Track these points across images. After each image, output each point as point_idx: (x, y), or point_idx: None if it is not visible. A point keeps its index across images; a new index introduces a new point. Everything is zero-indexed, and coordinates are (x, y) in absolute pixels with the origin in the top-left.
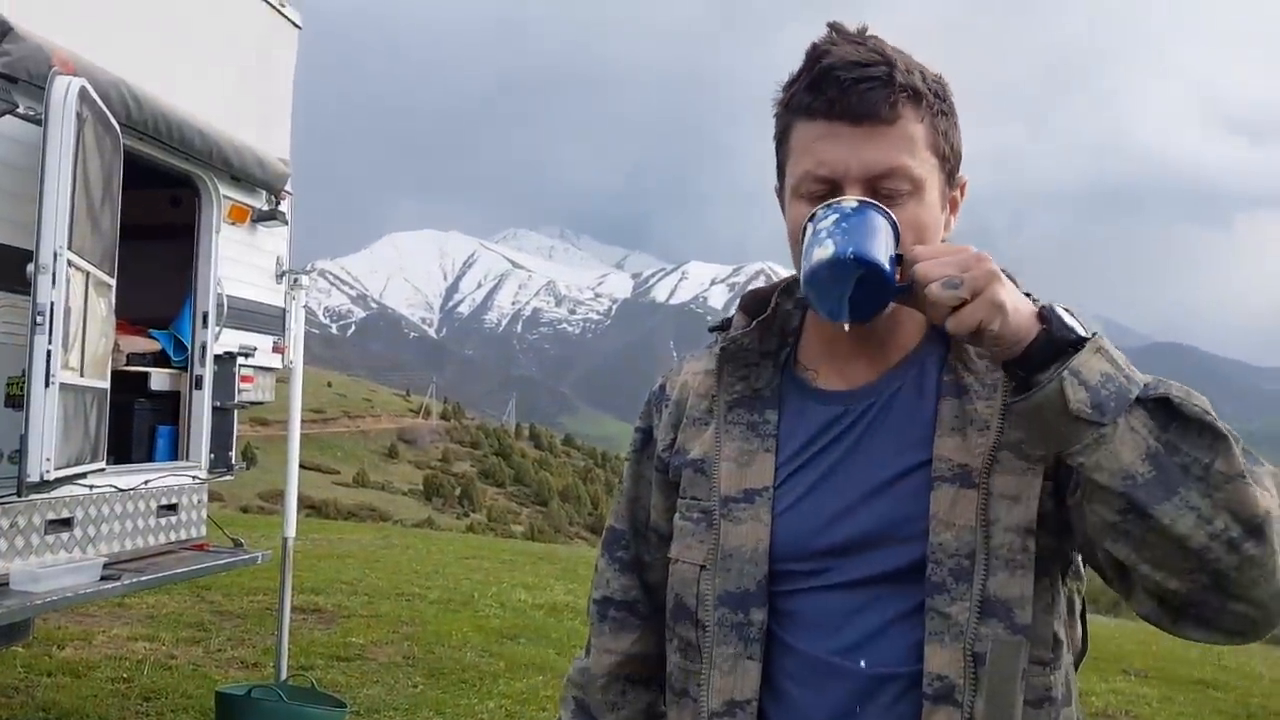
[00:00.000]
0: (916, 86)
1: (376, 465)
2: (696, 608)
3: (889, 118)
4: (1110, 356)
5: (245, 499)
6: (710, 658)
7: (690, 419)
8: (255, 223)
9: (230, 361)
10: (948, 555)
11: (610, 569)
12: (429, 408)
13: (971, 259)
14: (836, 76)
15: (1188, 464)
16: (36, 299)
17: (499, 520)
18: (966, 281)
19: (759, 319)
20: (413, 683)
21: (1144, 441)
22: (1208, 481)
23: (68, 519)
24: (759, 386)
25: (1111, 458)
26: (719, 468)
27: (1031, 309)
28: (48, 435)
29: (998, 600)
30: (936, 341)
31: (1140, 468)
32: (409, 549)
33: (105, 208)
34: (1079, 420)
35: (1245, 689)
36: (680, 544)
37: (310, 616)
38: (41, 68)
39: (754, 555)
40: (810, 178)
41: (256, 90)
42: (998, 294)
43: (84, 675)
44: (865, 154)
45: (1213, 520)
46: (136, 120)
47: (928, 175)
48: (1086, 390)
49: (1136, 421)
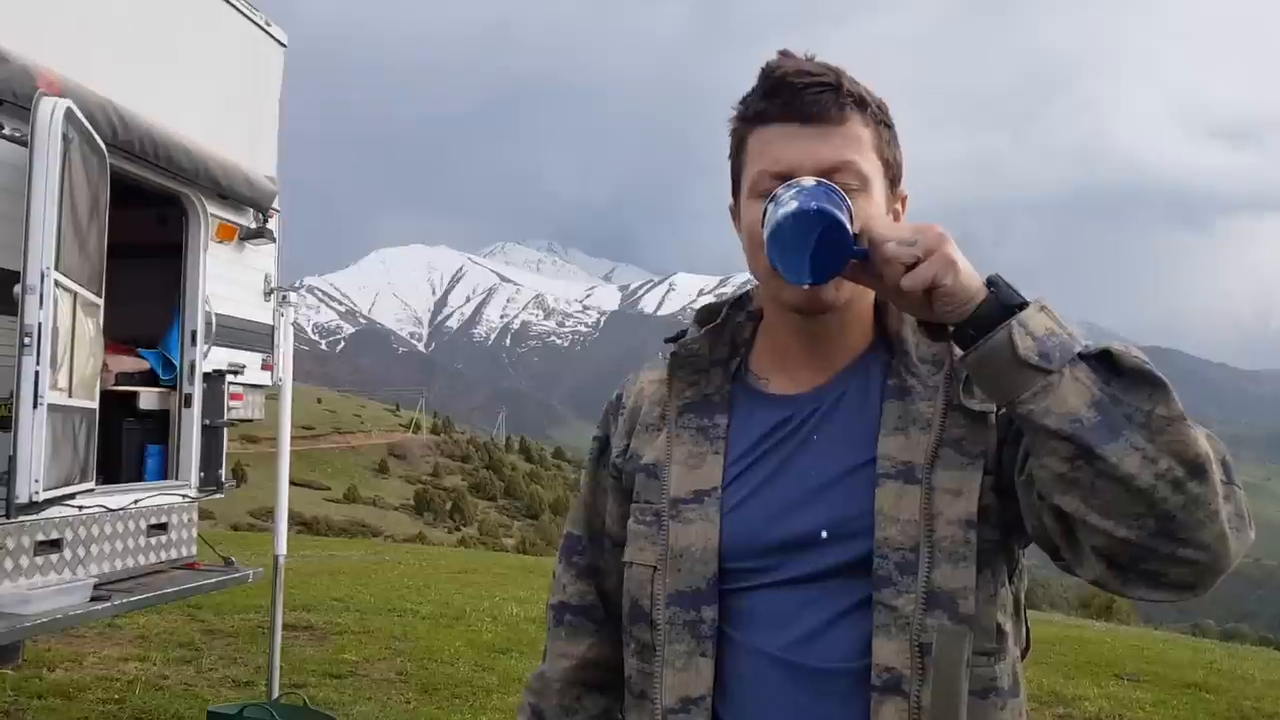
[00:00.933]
0: (861, 95)
1: (367, 481)
2: (651, 609)
3: (838, 118)
4: (1054, 316)
5: (235, 517)
6: (663, 656)
7: (643, 425)
8: (243, 240)
9: (219, 379)
10: (893, 549)
11: (566, 575)
12: (419, 422)
13: (924, 225)
14: (790, 83)
15: (1130, 412)
16: (24, 320)
17: (490, 534)
18: (920, 241)
19: (709, 327)
20: (406, 699)
21: (1088, 390)
22: (1150, 426)
23: (57, 540)
24: (709, 392)
25: (1059, 402)
26: (669, 471)
27: (980, 276)
28: (36, 456)
29: (942, 591)
30: (880, 348)
31: (1086, 413)
32: (400, 564)
33: (92, 228)
34: (1027, 367)
35: (1238, 692)
36: (633, 546)
37: (302, 634)
38: (27, 89)
39: (703, 554)
40: (766, 175)
41: (243, 108)
42: (949, 251)
43: (75, 697)
44: (817, 149)
45: (1157, 460)
46: (123, 140)
47: (873, 175)
48: (1033, 339)
49: (1080, 373)
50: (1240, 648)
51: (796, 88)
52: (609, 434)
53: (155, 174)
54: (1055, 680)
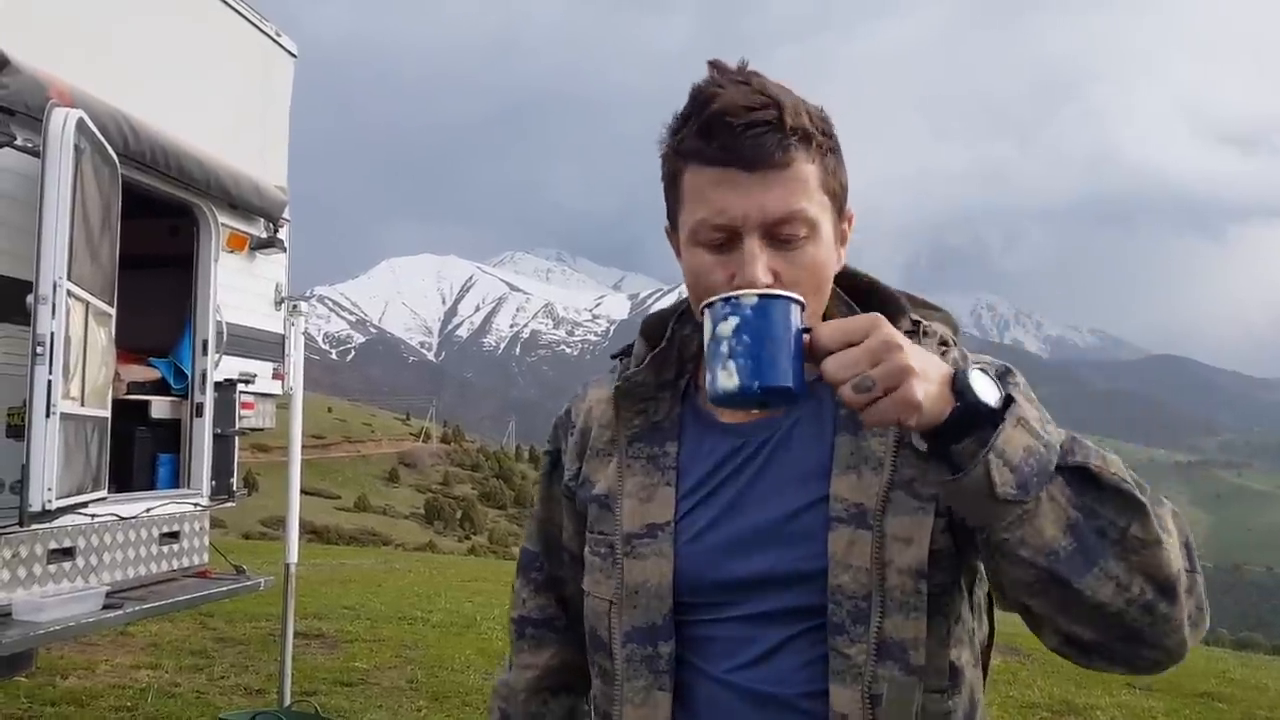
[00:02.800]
0: (805, 128)
1: (377, 489)
2: (609, 641)
3: (782, 162)
4: (1029, 426)
5: (247, 525)
6: (622, 693)
7: (594, 450)
8: (254, 250)
9: (230, 388)
10: (846, 597)
11: (526, 589)
12: (429, 431)
13: (881, 347)
14: (727, 122)
15: (1104, 528)
16: (36, 329)
17: (500, 542)
18: (878, 380)
19: (653, 353)
20: (416, 707)
21: (1064, 511)
22: (1124, 545)
23: (70, 548)
24: (658, 420)
25: (1035, 534)
26: (622, 504)
27: (944, 381)
28: (49, 465)
29: (893, 641)
30: None
31: (1061, 540)
32: (411, 573)
33: (104, 238)
34: (1004, 502)
35: (1252, 701)
36: (590, 578)
37: (313, 642)
38: (39, 100)
39: (658, 590)
40: (707, 226)
41: (253, 119)
42: (911, 392)
43: (87, 704)
44: (762, 200)
45: (1130, 586)
46: (134, 150)
47: (822, 216)
48: (1011, 471)
49: (1056, 490)
50: (1253, 657)
51: (734, 129)
52: (560, 450)
53: (166, 184)
54: (1067, 689)
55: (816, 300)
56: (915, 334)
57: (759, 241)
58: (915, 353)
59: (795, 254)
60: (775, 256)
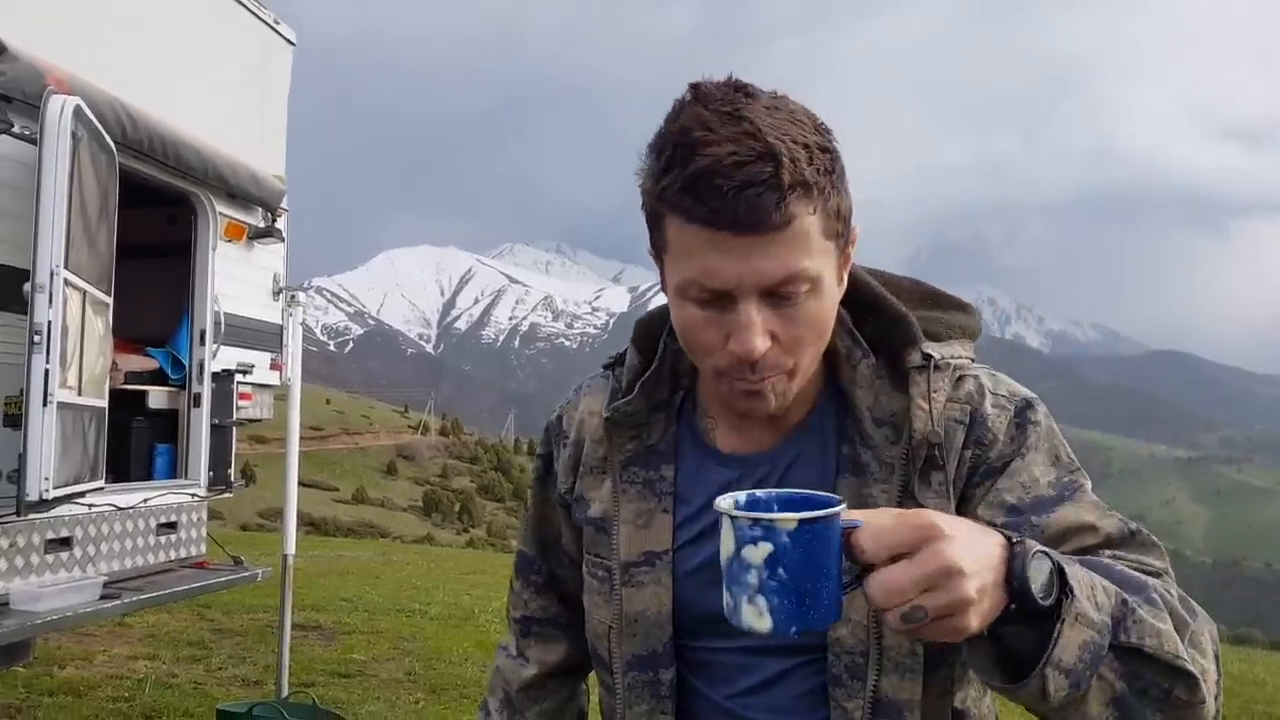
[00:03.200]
0: (805, 178)
1: (375, 482)
2: (610, 663)
3: (781, 222)
4: (1088, 618)
5: (244, 517)
6: (624, 716)
7: (587, 466)
8: (252, 240)
9: (228, 379)
10: (844, 651)
11: (526, 591)
12: (427, 424)
13: (939, 573)
14: (717, 186)
15: (1148, 688)
16: (34, 318)
17: (499, 535)
18: (931, 611)
19: (642, 381)
20: (414, 699)
21: (1111, 686)
22: (1165, 703)
23: (67, 538)
24: (652, 443)
25: (1080, 716)
26: (618, 530)
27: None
28: (46, 454)
29: (890, 701)
30: (833, 402)
31: (1104, 714)
32: (408, 565)
33: (101, 226)
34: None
35: (1249, 696)
36: (589, 599)
37: (311, 633)
38: (36, 87)
39: (658, 619)
40: (697, 286)
41: (252, 107)
42: (965, 623)
43: (85, 694)
44: (759, 264)
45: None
46: (132, 139)
47: (824, 267)
48: (1066, 675)
49: (1105, 669)
50: (1252, 652)
51: (725, 193)
52: (552, 455)
53: (164, 173)
54: None
55: (818, 349)
56: (925, 369)
57: (755, 304)
58: (968, 552)
59: (795, 310)
60: (773, 317)
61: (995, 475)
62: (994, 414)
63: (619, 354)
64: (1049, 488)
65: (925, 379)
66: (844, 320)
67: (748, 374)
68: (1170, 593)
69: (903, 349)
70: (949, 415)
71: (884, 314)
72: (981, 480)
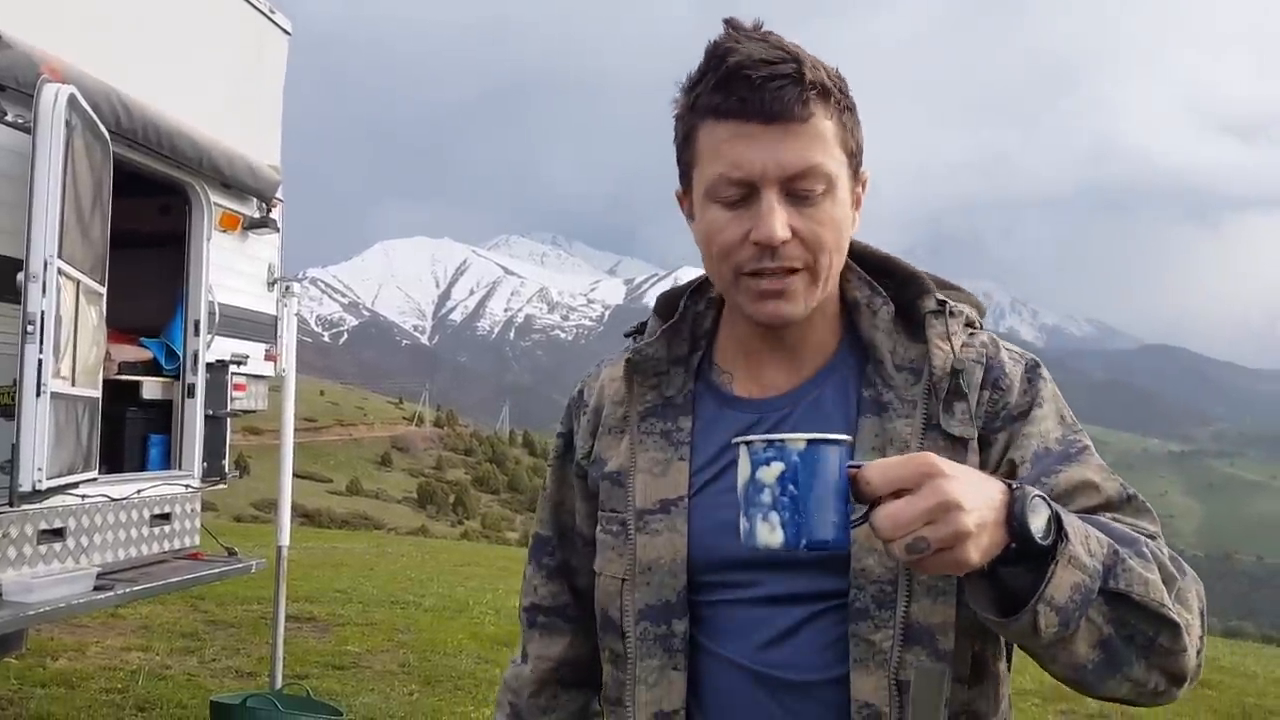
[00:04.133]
0: (825, 83)
1: (370, 473)
2: (621, 621)
3: (802, 115)
4: (1079, 561)
5: (238, 508)
6: (635, 672)
7: (606, 427)
8: (246, 230)
9: (222, 370)
10: (870, 581)
11: (537, 576)
12: (422, 415)
13: (937, 507)
14: (746, 75)
15: (1134, 635)
16: (27, 308)
17: (494, 527)
18: (933, 542)
19: (664, 327)
20: (408, 690)
21: (1098, 630)
22: (1150, 650)
23: (60, 529)
24: (670, 394)
25: (1068, 654)
26: (634, 479)
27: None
28: (39, 445)
29: (921, 627)
30: (853, 350)
31: (1091, 655)
32: (403, 557)
33: (95, 216)
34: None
35: (1240, 688)
36: (602, 557)
37: (305, 625)
38: (30, 75)
39: (672, 567)
40: (724, 181)
41: (247, 97)
42: (966, 555)
43: (78, 686)
44: (780, 154)
45: (1146, 683)
46: (126, 128)
47: (839, 172)
48: (1056, 612)
49: (1095, 611)
50: (1243, 644)
51: (753, 82)
52: (572, 430)
53: (158, 162)
54: None
55: (837, 259)
56: (941, 314)
57: (777, 195)
58: (968, 490)
59: (813, 210)
60: (793, 212)
61: (1017, 421)
62: (1009, 363)
63: (640, 323)
64: (1057, 444)
65: (942, 322)
66: (861, 273)
67: (768, 263)
68: (1161, 550)
69: (917, 299)
70: (966, 355)
71: (896, 273)
72: (1004, 425)
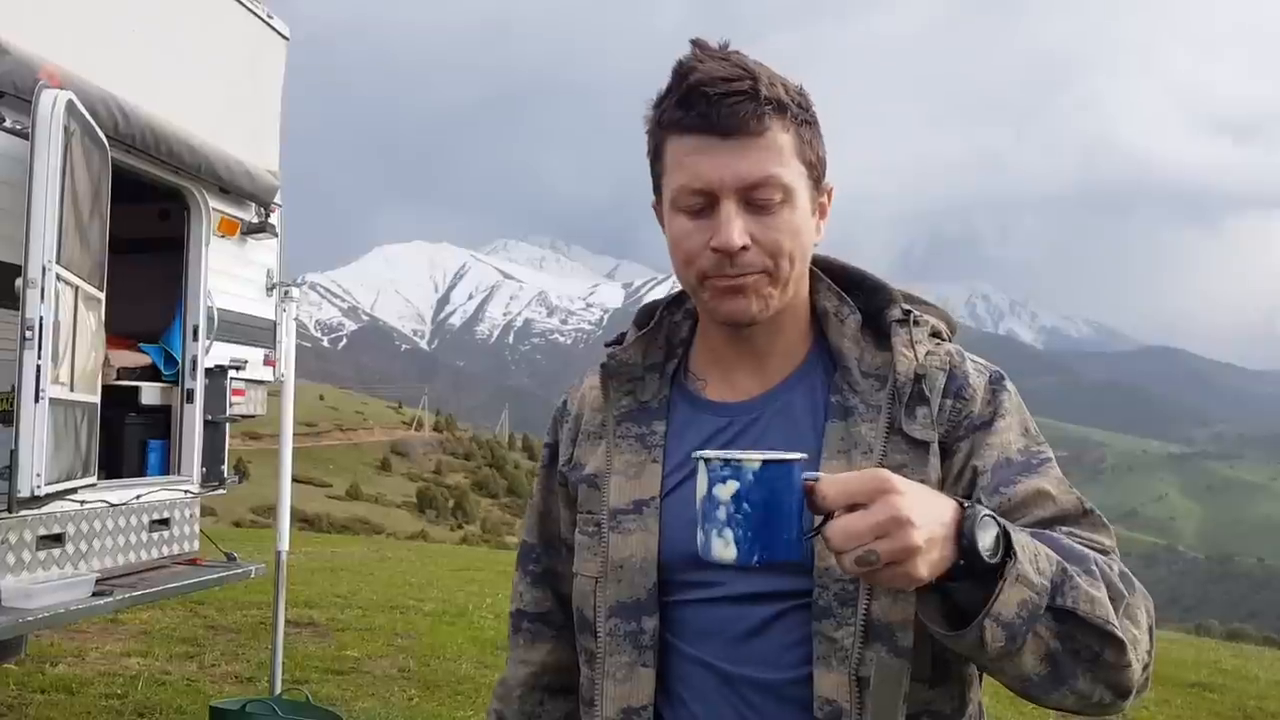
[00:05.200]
0: (780, 99)
1: (369, 478)
2: (594, 619)
3: (757, 130)
4: (1027, 580)
5: (238, 513)
6: (604, 668)
7: (585, 434)
8: (245, 235)
9: (221, 375)
10: (833, 580)
11: (523, 582)
12: (421, 420)
13: (889, 523)
14: (704, 93)
15: (1079, 649)
16: (25, 314)
17: (493, 532)
18: (882, 556)
19: (640, 334)
20: (408, 695)
21: (1044, 645)
22: (1096, 665)
23: (59, 535)
24: (646, 399)
25: (1014, 667)
26: (609, 481)
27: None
28: (38, 450)
29: (881, 624)
30: (821, 357)
31: (1038, 669)
32: (403, 561)
33: (94, 221)
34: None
35: (1241, 691)
36: (579, 558)
37: (304, 630)
38: (28, 81)
39: (643, 565)
40: (687, 191)
41: (245, 102)
42: (915, 570)
43: (77, 692)
44: (737, 166)
45: (1091, 695)
46: (125, 133)
47: (797, 183)
48: (1003, 628)
49: (1041, 627)
50: (1244, 647)
51: (711, 98)
52: (558, 440)
53: (157, 168)
54: None
55: (799, 264)
56: (906, 322)
57: (735, 205)
58: (919, 507)
59: (771, 219)
60: (751, 221)
61: (979, 431)
62: (974, 374)
63: (621, 334)
64: (1019, 454)
65: (907, 330)
66: (830, 284)
67: (728, 269)
68: (1111, 568)
69: (884, 308)
70: (930, 362)
71: (864, 285)
72: (966, 434)
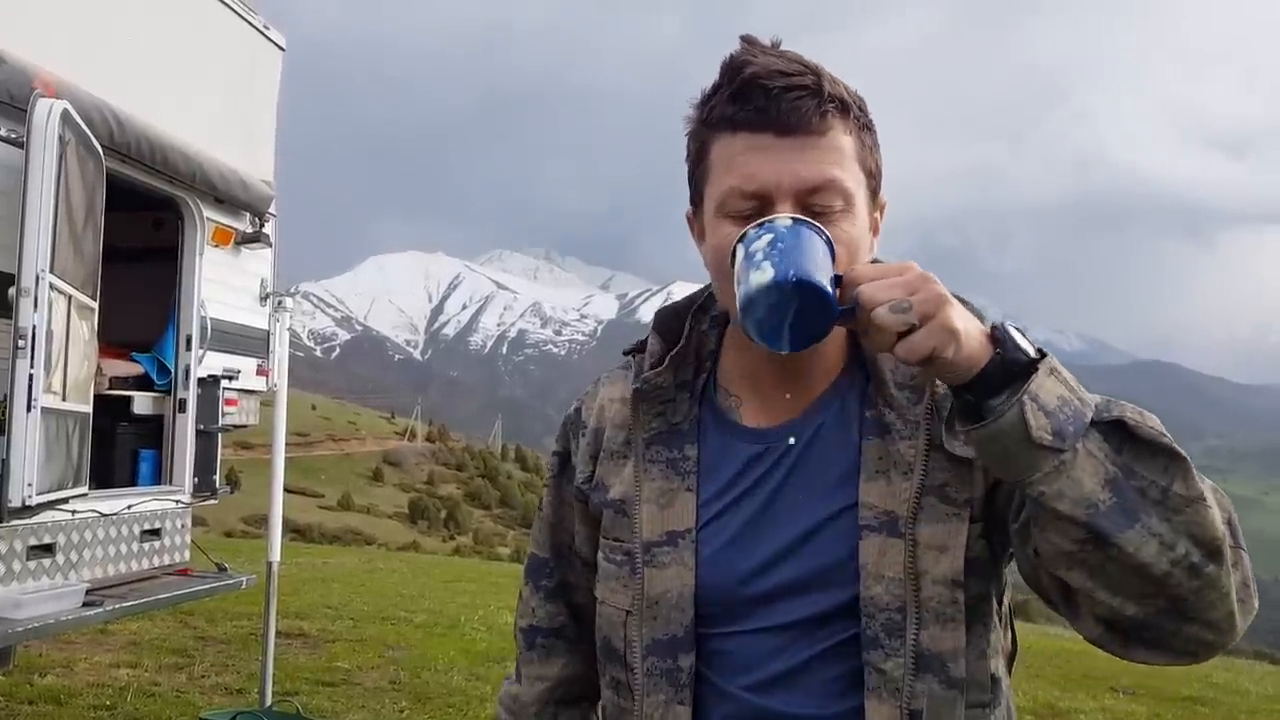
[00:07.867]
0: (844, 97)
1: (361, 488)
2: (625, 652)
3: (820, 129)
4: (1064, 378)
5: (229, 523)
6: (642, 709)
7: (608, 452)
8: (239, 245)
9: (214, 384)
10: (879, 609)
11: (535, 597)
12: (414, 430)
13: (918, 279)
14: (763, 85)
15: (1145, 487)
16: (18, 322)
17: (485, 543)
18: (915, 305)
19: (671, 354)
20: (399, 707)
21: (1102, 466)
22: (1167, 505)
23: (49, 545)
24: (676, 421)
25: (1073, 485)
26: (640, 510)
27: (982, 330)
28: (29, 460)
29: (931, 654)
30: (857, 373)
31: (1101, 494)
32: (394, 572)
33: (88, 230)
34: (1040, 448)
35: (1233, 705)
36: (605, 586)
37: (295, 641)
38: (23, 90)
39: (680, 601)
40: (737, 194)
41: (240, 112)
42: (949, 318)
43: (66, 703)
44: (797, 167)
45: (1175, 546)
46: (119, 143)
47: (857, 190)
48: (1046, 415)
49: (1093, 445)
50: (1235, 661)
51: (770, 92)
52: (569, 450)
53: (151, 177)
54: (1050, 693)
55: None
56: None
57: (792, 210)
58: (957, 306)
59: (829, 228)
60: None
61: None
62: None
63: (640, 341)
64: None
65: None
66: None
67: None
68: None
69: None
70: None
71: None
72: None
